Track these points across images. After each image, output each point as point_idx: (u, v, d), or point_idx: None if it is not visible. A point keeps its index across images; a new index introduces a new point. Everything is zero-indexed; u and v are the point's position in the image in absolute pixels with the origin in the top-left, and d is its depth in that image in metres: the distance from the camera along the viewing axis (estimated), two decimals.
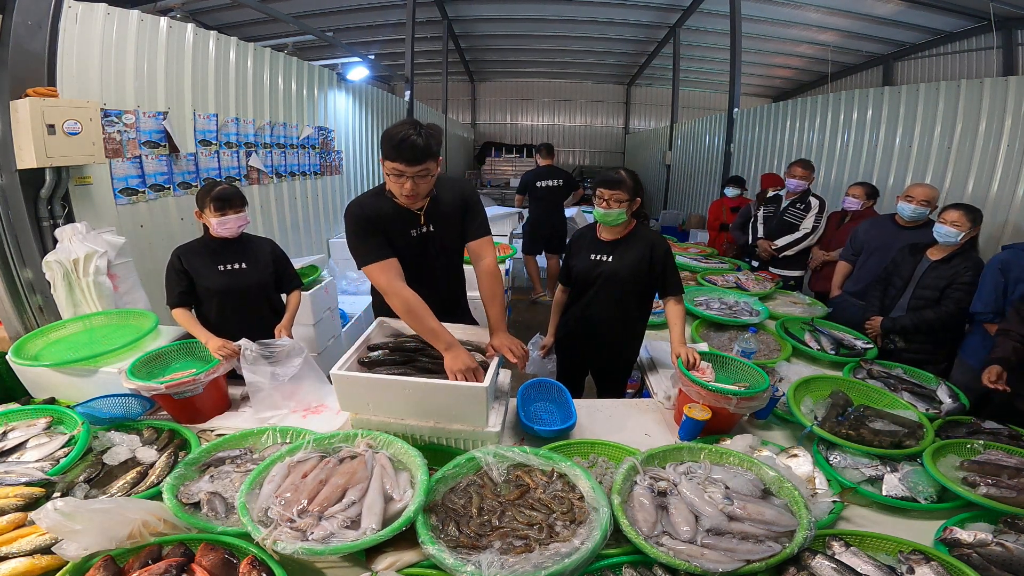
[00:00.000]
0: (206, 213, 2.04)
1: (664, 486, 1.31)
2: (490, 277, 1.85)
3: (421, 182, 1.63)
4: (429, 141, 1.58)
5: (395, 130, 1.58)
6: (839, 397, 1.84)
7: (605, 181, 2.06)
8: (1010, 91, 3.52)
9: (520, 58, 13.14)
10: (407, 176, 1.60)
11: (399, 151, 1.56)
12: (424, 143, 1.57)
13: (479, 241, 1.88)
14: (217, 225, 2.04)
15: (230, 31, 4.52)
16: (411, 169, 1.59)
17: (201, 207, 2.06)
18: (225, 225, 2.05)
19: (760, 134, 6.72)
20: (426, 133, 1.58)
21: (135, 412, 1.69)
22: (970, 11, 7.29)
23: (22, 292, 2.49)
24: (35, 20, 2.31)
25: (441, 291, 1.93)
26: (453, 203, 1.85)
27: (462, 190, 1.89)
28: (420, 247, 1.84)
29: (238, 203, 2.08)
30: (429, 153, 1.59)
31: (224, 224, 2.04)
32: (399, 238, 1.78)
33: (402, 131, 1.56)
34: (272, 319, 2.19)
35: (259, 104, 4.10)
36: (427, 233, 1.83)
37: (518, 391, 1.90)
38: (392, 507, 1.18)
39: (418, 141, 1.56)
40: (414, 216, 1.79)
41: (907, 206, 2.88)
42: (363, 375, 1.53)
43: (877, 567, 1.12)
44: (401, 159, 1.57)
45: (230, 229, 2.06)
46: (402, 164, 1.58)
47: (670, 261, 2.13)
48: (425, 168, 1.61)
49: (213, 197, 2.02)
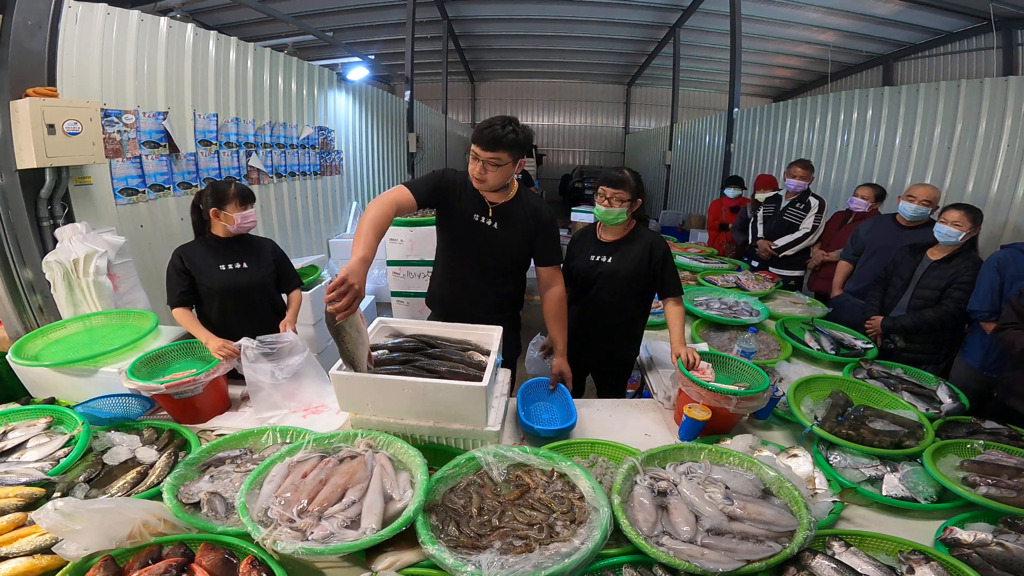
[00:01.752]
0: (228, 209, 2.07)
1: (664, 486, 1.30)
2: (557, 301, 2.00)
3: (491, 169, 1.76)
4: (507, 133, 1.72)
5: (490, 119, 1.75)
6: (839, 397, 1.84)
7: (608, 179, 2.06)
8: (1010, 91, 3.52)
9: (520, 58, 13.15)
10: (480, 160, 1.75)
11: (479, 134, 1.73)
12: (501, 133, 1.71)
13: (549, 269, 2.00)
14: (240, 219, 2.10)
15: (230, 31, 4.52)
16: (484, 153, 1.74)
17: (220, 204, 2.07)
18: (248, 219, 2.12)
19: (760, 134, 6.72)
20: (510, 128, 1.73)
21: (135, 412, 1.69)
22: (970, 11, 7.29)
23: (22, 292, 2.49)
24: (35, 20, 2.31)
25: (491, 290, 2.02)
26: (525, 215, 1.94)
27: (539, 209, 1.98)
28: (481, 236, 1.93)
29: (251, 198, 2.16)
30: (503, 144, 1.72)
31: (247, 218, 2.12)
32: (462, 216, 1.91)
33: (493, 121, 1.74)
34: (273, 318, 2.20)
35: (259, 104, 4.10)
36: (490, 227, 1.92)
37: (518, 391, 1.90)
38: (392, 507, 1.18)
39: (498, 131, 1.71)
40: (485, 205, 1.90)
41: (909, 206, 2.88)
42: (363, 375, 1.52)
43: (877, 567, 1.12)
44: (479, 142, 1.74)
45: (252, 222, 2.14)
46: (478, 147, 1.74)
47: (669, 262, 2.13)
48: (496, 157, 1.74)
49: (237, 192, 2.09)
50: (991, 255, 2.37)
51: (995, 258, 2.31)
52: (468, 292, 2.01)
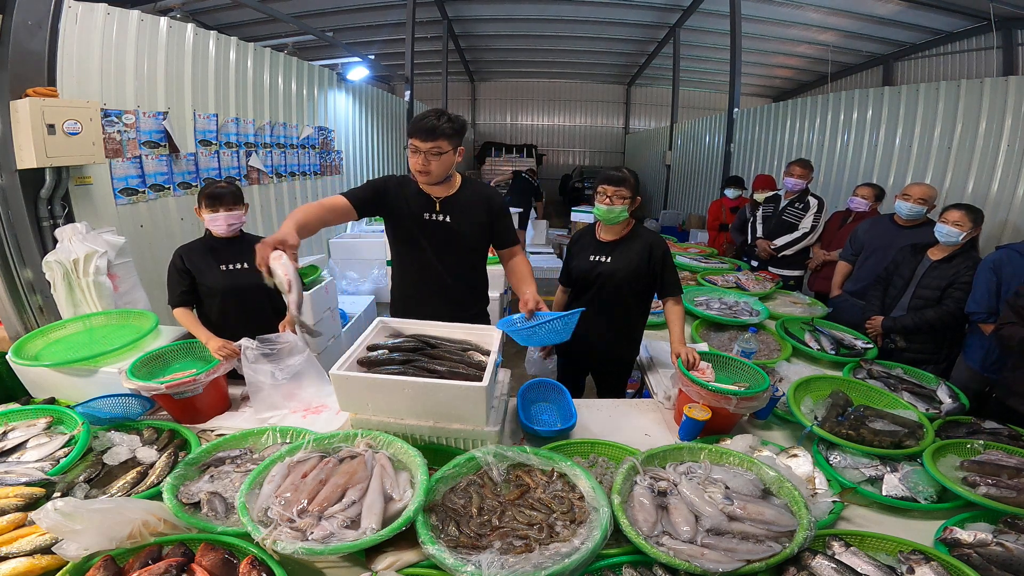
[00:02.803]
0: (203, 211, 2.07)
1: (664, 486, 1.31)
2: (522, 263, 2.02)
3: (433, 159, 1.78)
4: (442, 123, 1.76)
5: (420, 113, 1.81)
6: (839, 397, 1.84)
7: (609, 178, 2.07)
8: (1010, 91, 3.52)
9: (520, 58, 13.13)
10: (421, 152, 1.77)
11: (416, 128, 1.76)
12: (437, 123, 1.75)
13: (511, 249, 2.04)
14: (209, 221, 2.09)
15: (230, 31, 4.52)
16: (424, 145, 1.76)
17: (198, 204, 2.10)
18: (216, 222, 2.08)
19: (760, 134, 6.72)
20: (444, 117, 1.77)
21: (135, 412, 1.69)
22: (970, 11, 7.29)
23: (22, 292, 2.48)
24: (35, 20, 2.31)
25: (450, 284, 2.00)
26: (474, 202, 1.96)
27: (487, 194, 2.02)
28: (435, 233, 1.94)
29: (230, 201, 2.09)
30: (441, 132, 1.75)
31: (215, 221, 2.08)
32: (411, 217, 1.92)
33: (425, 114, 1.78)
34: (274, 319, 2.19)
35: (259, 104, 4.10)
36: (441, 222, 1.93)
37: (518, 391, 1.90)
38: (392, 507, 1.18)
39: (432, 121, 1.75)
40: (430, 201, 1.92)
41: (904, 204, 2.89)
42: (363, 375, 1.52)
43: (877, 567, 1.12)
44: (417, 135, 1.76)
45: (220, 226, 2.09)
46: (417, 139, 1.76)
47: (669, 261, 2.13)
48: (437, 146, 1.76)
49: (206, 194, 2.08)
50: (987, 256, 2.37)
51: (991, 259, 2.31)
52: (432, 290, 2.01)
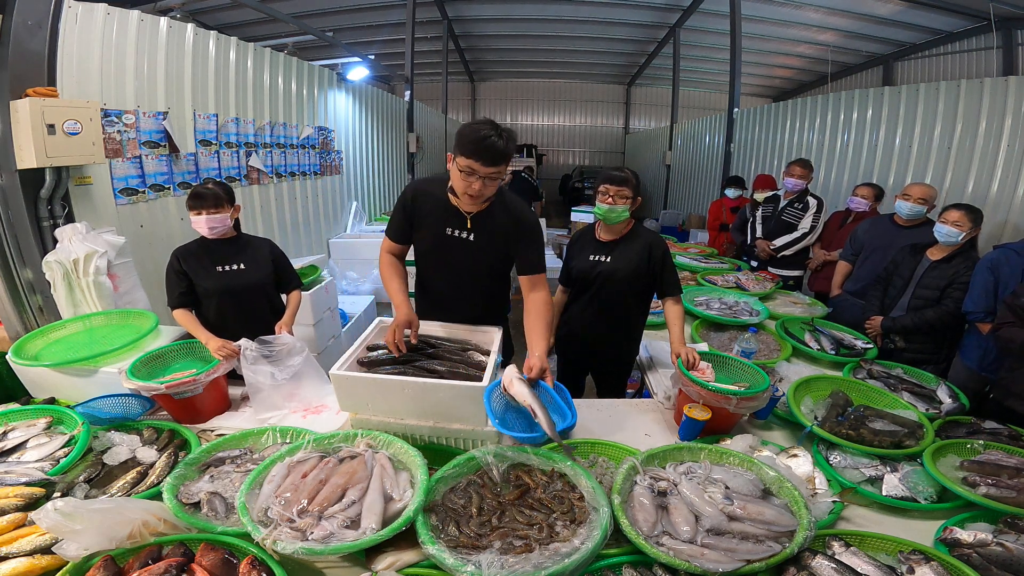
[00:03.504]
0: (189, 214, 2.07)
1: (664, 486, 1.30)
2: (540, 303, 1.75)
3: (490, 184, 1.61)
4: (509, 145, 1.57)
5: (476, 127, 1.55)
6: (839, 397, 1.84)
7: (611, 178, 2.07)
8: (1010, 91, 3.52)
9: (520, 58, 13.15)
10: (479, 176, 1.56)
11: (478, 149, 1.53)
12: (504, 146, 1.55)
13: (533, 277, 1.79)
14: (193, 223, 2.07)
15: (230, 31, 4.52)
16: (485, 169, 1.55)
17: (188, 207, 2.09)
18: (198, 224, 2.07)
19: (760, 134, 6.72)
20: (505, 135, 1.57)
21: (135, 412, 1.69)
22: (970, 11, 7.29)
23: (22, 292, 2.48)
24: (35, 20, 2.31)
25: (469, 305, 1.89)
26: (506, 223, 1.78)
27: (521, 213, 1.81)
28: (453, 250, 1.80)
29: (212, 203, 2.05)
30: (506, 157, 1.58)
31: (197, 223, 2.07)
32: (431, 230, 1.80)
33: (483, 130, 1.54)
34: (272, 319, 2.19)
35: (259, 104, 4.10)
36: (465, 239, 1.78)
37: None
38: (392, 507, 1.18)
39: (498, 143, 1.54)
40: (460, 217, 1.76)
41: (904, 204, 2.90)
42: (363, 375, 1.52)
43: (877, 567, 1.12)
44: (479, 158, 1.53)
45: (202, 228, 2.07)
46: (478, 163, 1.54)
47: (668, 261, 2.13)
48: (498, 171, 1.59)
49: (190, 195, 2.06)
50: (984, 256, 2.38)
51: (988, 259, 2.32)
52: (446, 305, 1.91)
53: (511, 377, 1.49)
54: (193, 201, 2.04)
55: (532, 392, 1.45)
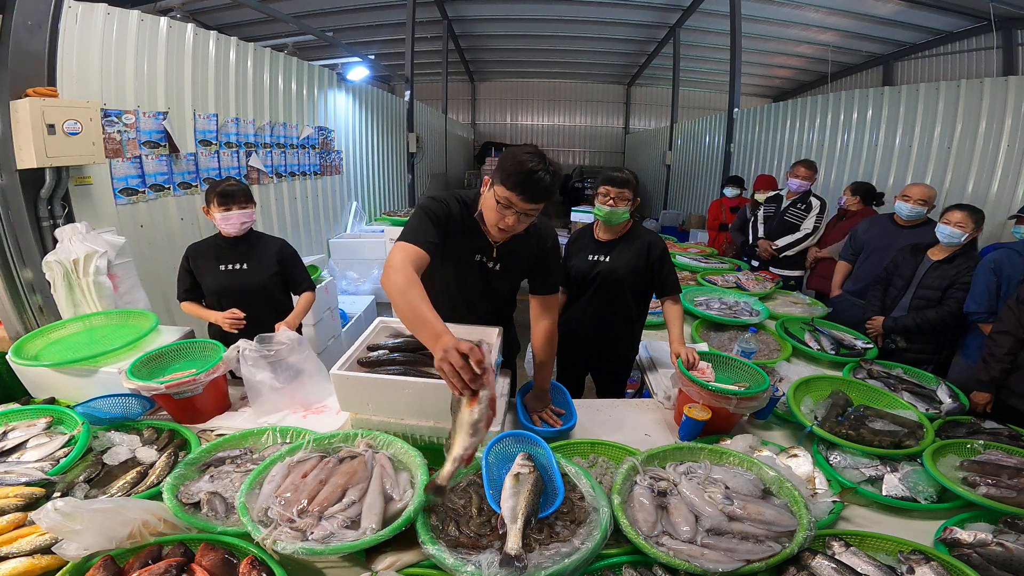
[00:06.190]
0: (212, 209, 2.06)
1: (664, 486, 1.30)
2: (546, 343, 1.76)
3: (526, 220, 1.48)
4: (555, 182, 1.42)
5: (522, 158, 1.38)
6: (839, 397, 1.84)
7: (612, 179, 2.07)
8: (1010, 91, 3.53)
9: (520, 58, 13.14)
10: (516, 210, 1.43)
11: (521, 183, 1.38)
12: (550, 183, 1.40)
13: (547, 298, 1.75)
14: (221, 220, 2.07)
15: (230, 31, 4.52)
16: (524, 205, 1.42)
17: (208, 203, 2.08)
18: (229, 221, 2.07)
19: (760, 134, 6.72)
20: (553, 171, 1.41)
21: (135, 412, 1.69)
22: (970, 11, 7.29)
23: (22, 292, 2.48)
24: (35, 20, 2.31)
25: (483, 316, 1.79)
26: (532, 247, 1.69)
27: (543, 240, 1.71)
28: (478, 277, 1.71)
29: (242, 199, 2.10)
30: (550, 195, 1.44)
31: (228, 220, 2.07)
32: (458, 253, 1.64)
33: (531, 163, 1.37)
34: (274, 320, 2.18)
35: (259, 104, 4.10)
36: (491, 268, 1.69)
37: (518, 391, 1.90)
38: (392, 507, 1.18)
39: (545, 179, 1.39)
40: (487, 246, 1.64)
41: (904, 205, 2.90)
42: (363, 375, 1.52)
43: (877, 567, 1.12)
44: (521, 192, 1.39)
45: (234, 225, 2.09)
46: (519, 197, 1.39)
47: (667, 260, 2.13)
48: (537, 208, 1.45)
49: (218, 192, 2.06)
50: (986, 256, 2.38)
51: (990, 259, 2.32)
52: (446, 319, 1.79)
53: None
54: (223, 198, 2.04)
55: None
